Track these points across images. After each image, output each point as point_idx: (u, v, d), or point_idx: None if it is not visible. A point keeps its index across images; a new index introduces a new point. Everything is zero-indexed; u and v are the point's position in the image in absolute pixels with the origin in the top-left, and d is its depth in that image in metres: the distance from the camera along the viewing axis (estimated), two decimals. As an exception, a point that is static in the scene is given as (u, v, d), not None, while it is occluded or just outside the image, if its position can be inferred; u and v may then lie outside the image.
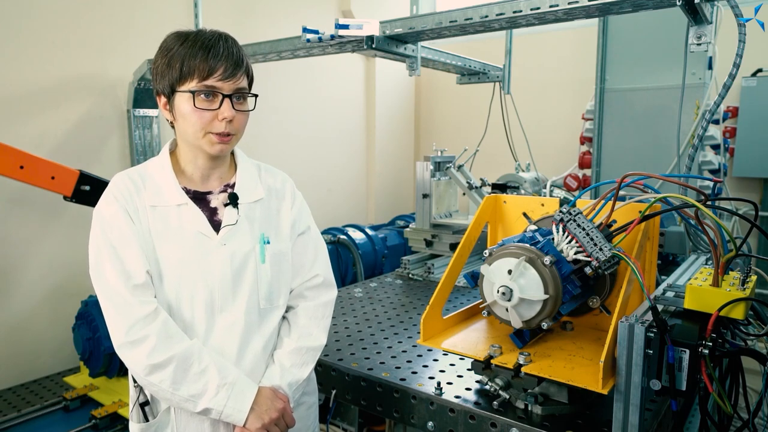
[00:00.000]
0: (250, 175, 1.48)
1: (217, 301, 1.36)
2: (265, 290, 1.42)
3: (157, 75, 1.34)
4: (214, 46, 1.29)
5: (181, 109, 1.31)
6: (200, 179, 1.42)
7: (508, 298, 1.37)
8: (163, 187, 1.37)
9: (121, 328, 1.26)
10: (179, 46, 1.29)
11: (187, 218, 1.36)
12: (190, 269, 1.33)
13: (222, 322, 1.36)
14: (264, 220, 1.45)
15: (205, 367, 1.28)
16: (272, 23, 4.39)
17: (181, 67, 1.28)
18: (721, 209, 1.45)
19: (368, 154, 5.60)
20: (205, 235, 1.36)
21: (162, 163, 1.41)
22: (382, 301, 2.50)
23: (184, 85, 1.29)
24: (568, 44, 4.74)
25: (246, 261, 1.39)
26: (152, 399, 1.35)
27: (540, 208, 1.72)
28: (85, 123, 3.38)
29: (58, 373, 3.24)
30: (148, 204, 1.35)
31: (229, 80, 1.30)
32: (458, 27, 2.22)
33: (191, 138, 1.34)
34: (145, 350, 1.24)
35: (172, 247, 1.33)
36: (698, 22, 1.81)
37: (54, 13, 3.17)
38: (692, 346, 1.18)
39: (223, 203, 1.41)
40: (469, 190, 3.06)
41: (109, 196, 1.34)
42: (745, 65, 1.84)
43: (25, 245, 3.15)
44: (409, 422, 1.61)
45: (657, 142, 3.22)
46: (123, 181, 1.37)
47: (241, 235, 1.39)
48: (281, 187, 1.54)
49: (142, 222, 1.33)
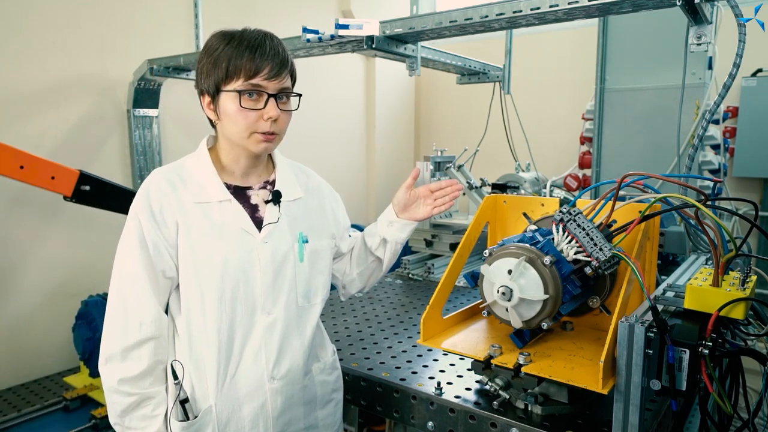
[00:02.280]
0: (288, 174, 1.50)
1: (259, 300, 1.36)
2: (303, 288, 1.43)
3: (201, 74, 1.33)
4: (261, 46, 1.29)
5: (226, 108, 1.31)
6: (241, 175, 1.43)
7: (508, 298, 1.37)
8: (205, 184, 1.37)
9: (118, 340, 1.31)
10: (225, 45, 1.29)
11: (230, 215, 1.36)
12: (233, 267, 1.33)
13: (263, 321, 1.37)
14: (302, 218, 1.47)
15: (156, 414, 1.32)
16: (272, 23, 4.35)
17: (227, 66, 1.28)
18: (721, 209, 1.45)
19: (368, 154, 5.59)
20: (248, 232, 1.36)
21: (201, 159, 1.40)
22: (382, 301, 2.50)
23: (230, 85, 1.30)
24: (568, 44, 4.74)
25: (285, 259, 1.40)
26: (192, 397, 1.34)
27: (540, 208, 1.72)
28: (85, 123, 3.37)
29: (58, 373, 3.24)
30: (192, 201, 1.34)
31: (275, 80, 1.31)
32: (458, 27, 2.22)
33: (236, 137, 1.34)
34: (128, 373, 1.29)
35: (217, 245, 1.33)
36: (698, 22, 1.81)
37: (54, 13, 3.17)
38: (692, 346, 1.18)
39: (263, 200, 1.42)
40: (469, 190, 3.06)
41: (142, 198, 1.33)
42: (745, 65, 1.84)
43: (25, 245, 3.15)
44: (409, 422, 1.61)
45: (657, 142, 3.22)
46: (157, 180, 1.35)
47: (282, 234, 1.41)
48: (317, 186, 1.57)
49: (183, 221, 1.32)
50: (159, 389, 1.33)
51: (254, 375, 1.36)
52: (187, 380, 1.34)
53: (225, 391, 1.34)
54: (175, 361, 1.34)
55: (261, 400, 1.37)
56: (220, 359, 1.33)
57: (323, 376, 1.53)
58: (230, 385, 1.35)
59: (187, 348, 1.34)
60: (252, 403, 1.36)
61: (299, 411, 1.45)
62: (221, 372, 1.34)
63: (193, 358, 1.34)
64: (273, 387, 1.38)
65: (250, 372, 1.36)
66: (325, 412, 1.53)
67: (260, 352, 1.37)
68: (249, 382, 1.36)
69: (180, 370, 1.32)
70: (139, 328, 1.30)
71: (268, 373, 1.38)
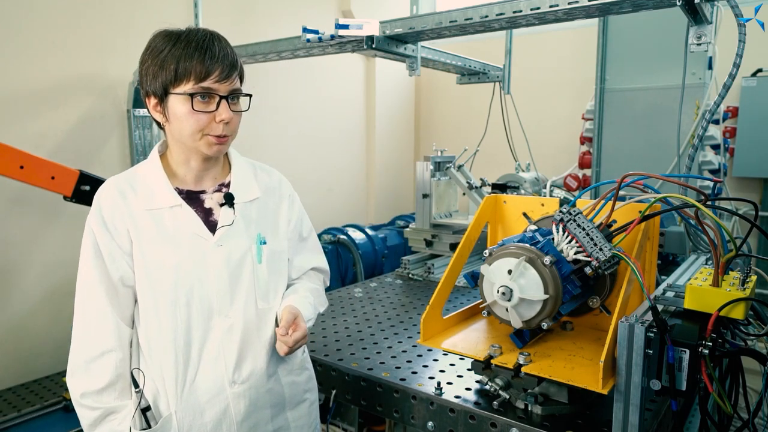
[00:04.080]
0: (245, 174, 1.47)
1: (215, 304, 1.34)
2: (262, 290, 1.41)
3: (146, 76, 1.31)
4: (210, 48, 1.27)
5: (175, 111, 1.29)
6: (193, 180, 1.40)
7: (508, 298, 1.37)
8: (155, 190, 1.35)
9: (80, 352, 1.31)
10: (171, 46, 1.27)
11: (181, 220, 1.34)
12: (186, 272, 1.32)
13: (220, 325, 1.35)
14: (260, 219, 1.44)
15: (123, 429, 1.31)
16: (272, 23, 4.39)
17: (176, 68, 1.26)
18: (721, 209, 1.45)
19: (368, 154, 5.59)
20: (200, 236, 1.34)
21: (152, 165, 1.38)
22: (382, 301, 2.50)
23: (179, 87, 1.27)
24: (568, 44, 4.74)
25: (242, 262, 1.38)
26: (154, 404, 1.33)
27: (540, 208, 1.72)
28: (85, 123, 3.38)
29: (58, 373, 3.24)
30: (142, 208, 1.33)
31: (225, 82, 1.29)
32: (458, 27, 2.22)
33: (187, 140, 1.32)
34: (91, 386, 1.29)
35: (168, 251, 1.32)
36: (698, 22, 1.81)
37: (54, 13, 3.17)
38: (692, 346, 1.18)
39: (218, 203, 1.40)
40: (469, 190, 3.06)
41: (94, 209, 1.32)
42: (745, 65, 1.84)
43: (25, 245, 3.15)
44: (409, 422, 1.61)
45: (657, 142, 3.22)
46: (108, 190, 1.34)
47: (238, 236, 1.38)
48: (277, 185, 1.53)
49: (134, 229, 1.31)
50: (124, 403, 1.32)
51: (214, 380, 1.34)
52: (149, 388, 1.33)
53: (185, 397, 1.33)
54: (136, 369, 1.33)
55: (223, 405, 1.35)
56: (177, 365, 1.31)
57: (291, 377, 1.49)
58: (190, 391, 1.33)
59: (147, 355, 1.33)
60: (213, 409, 1.34)
61: (266, 414, 1.43)
62: (180, 378, 1.32)
63: (153, 366, 1.33)
64: (234, 391, 1.36)
65: (210, 377, 1.34)
66: (296, 413, 1.50)
67: (219, 356, 1.35)
68: (209, 388, 1.34)
69: (141, 378, 1.32)
70: (98, 340, 1.30)
71: (228, 378, 1.35)
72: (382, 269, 3.92)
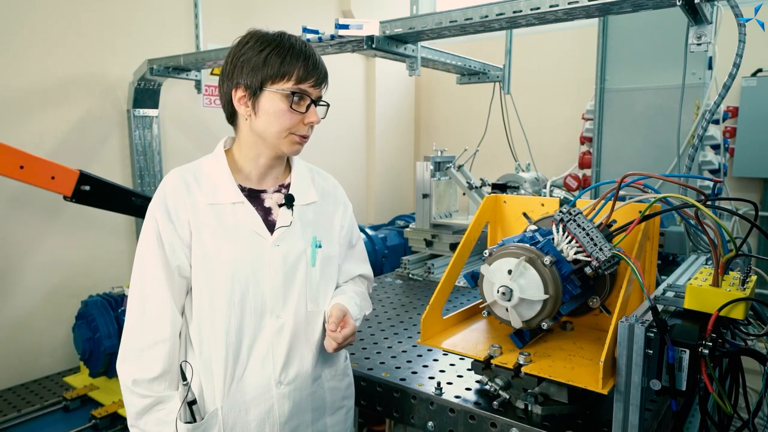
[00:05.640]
0: (304, 178, 1.50)
1: (268, 304, 1.36)
2: (314, 293, 1.42)
3: (243, 68, 1.32)
4: (312, 55, 1.35)
5: (267, 106, 1.32)
6: (257, 178, 1.43)
7: (508, 298, 1.37)
8: (219, 185, 1.37)
9: (135, 339, 1.31)
10: (276, 46, 1.32)
11: (242, 217, 1.36)
12: (242, 268, 1.33)
13: (271, 325, 1.36)
14: (316, 223, 1.46)
15: (171, 420, 1.31)
16: (272, 23, 4.34)
17: (280, 65, 1.30)
18: (721, 209, 1.45)
19: (368, 154, 5.59)
20: (259, 235, 1.36)
21: (217, 160, 1.41)
22: (382, 301, 2.50)
23: (277, 85, 1.31)
24: (568, 44, 4.74)
25: (297, 263, 1.39)
26: (199, 398, 1.34)
27: (540, 208, 1.72)
28: (85, 123, 3.38)
29: (58, 373, 3.24)
30: (205, 202, 1.34)
31: (318, 88, 1.36)
32: (458, 27, 2.22)
33: (272, 136, 1.35)
34: (143, 374, 1.29)
35: (227, 245, 1.33)
36: (698, 22, 1.81)
37: (54, 13, 3.17)
38: (692, 346, 1.18)
39: (277, 203, 1.42)
40: (469, 190, 3.06)
41: (158, 198, 1.34)
42: (745, 65, 1.84)
43: (25, 245, 3.15)
44: (409, 422, 1.61)
45: (657, 142, 3.22)
46: (174, 180, 1.36)
47: (294, 238, 1.40)
48: (333, 191, 1.57)
49: (195, 221, 1.33)
50: (174, 393, 1.33)
51: (261, 379, 1.36)
52: (196, 382, 1.33)
53: (232, 393, 1.34)
54: (185, 362, 1.33)
55: (268, 404, 1.36)
56: (227, 361, 1.33)
57: (333, 383, 1.50)
58: (237, 388, 1.34)
59: (197, 349, 1.34)
60: (258, 408, 1.36)
61: (307, 417, 1.44)
62: (228, 374, 1.33)
63: (202, 360, 1.33)
64: (280, 392, 1.37)
65: (257, 376, 1.35)
66: (334, 419, 1.51)
67: (268, 355, 1.36)
68: (256, 386, 1.35)
69: (189, 371, 1.32)
70: (154, 328, 1.30)
71: (275, 378, 1.37)
72: (382, 269, 3.92)
